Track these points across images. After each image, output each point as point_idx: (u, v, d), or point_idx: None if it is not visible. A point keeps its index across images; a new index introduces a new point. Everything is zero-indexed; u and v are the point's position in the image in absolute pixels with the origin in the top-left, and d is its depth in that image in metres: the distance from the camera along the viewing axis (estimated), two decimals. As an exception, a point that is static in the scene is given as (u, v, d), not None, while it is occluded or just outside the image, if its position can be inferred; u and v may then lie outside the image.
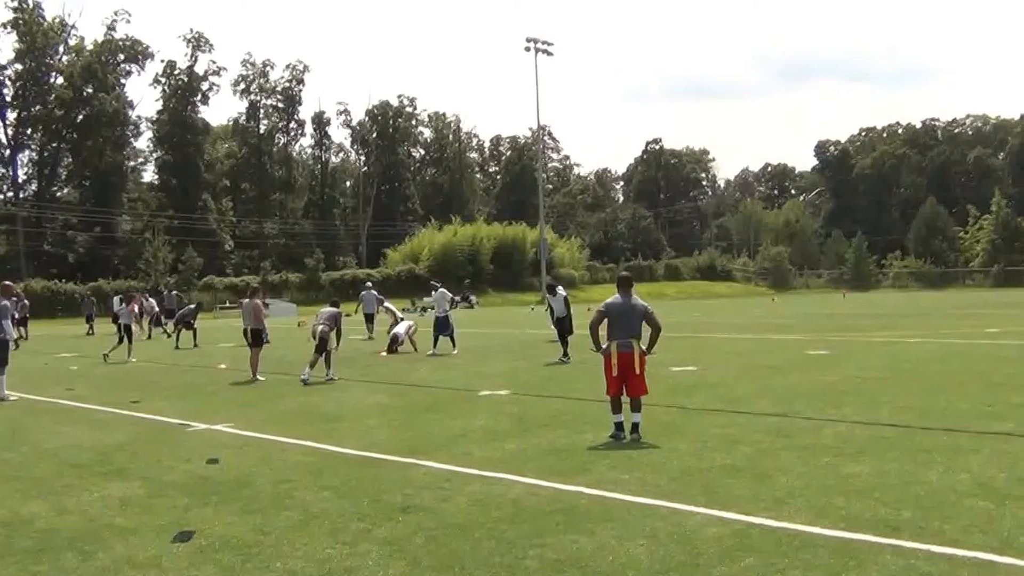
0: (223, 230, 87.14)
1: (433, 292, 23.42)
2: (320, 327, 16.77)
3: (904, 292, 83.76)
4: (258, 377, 16.79)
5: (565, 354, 19.21)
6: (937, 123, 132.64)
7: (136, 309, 25.00)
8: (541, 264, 74.72)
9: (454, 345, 21.91)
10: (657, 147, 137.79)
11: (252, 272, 76.64)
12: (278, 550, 5.92)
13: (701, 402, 12.35)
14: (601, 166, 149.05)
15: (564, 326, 19.83)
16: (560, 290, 20.85)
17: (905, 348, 20.22)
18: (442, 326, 22.05)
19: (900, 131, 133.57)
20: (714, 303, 66.35)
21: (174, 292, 40.25)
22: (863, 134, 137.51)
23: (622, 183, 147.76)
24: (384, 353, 22.23)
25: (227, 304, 59.36)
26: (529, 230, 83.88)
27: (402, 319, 25.53)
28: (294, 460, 8.97)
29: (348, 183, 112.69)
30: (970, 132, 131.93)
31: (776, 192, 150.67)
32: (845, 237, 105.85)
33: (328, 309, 17.56)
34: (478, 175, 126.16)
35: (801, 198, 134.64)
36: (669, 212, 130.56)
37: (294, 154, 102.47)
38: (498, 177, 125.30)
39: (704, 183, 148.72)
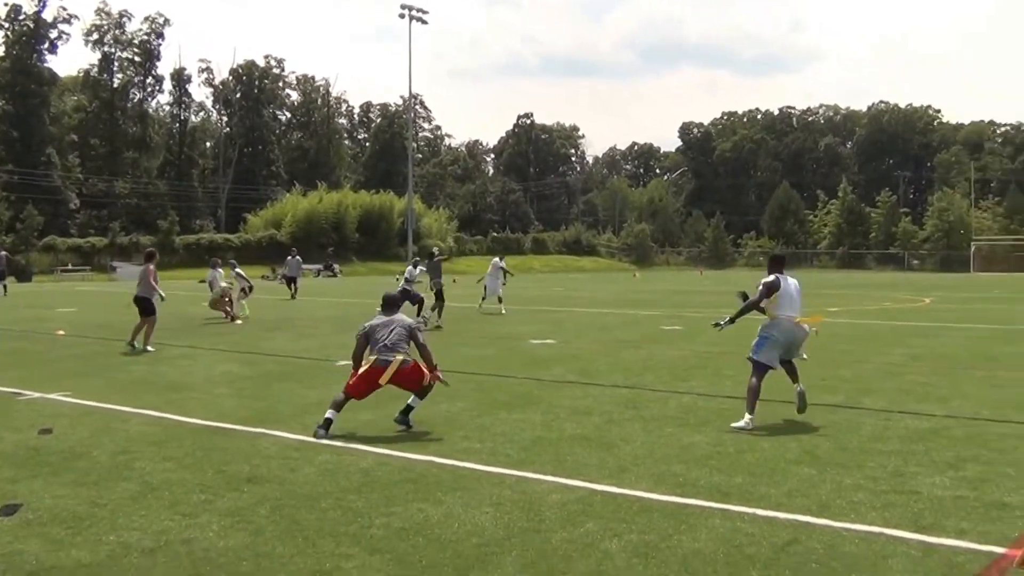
0: (68, 187, 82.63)
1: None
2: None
3: (757, 270, 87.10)
4: (148, 348, 15.77)
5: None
6: (793, 111, 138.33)
7: None
8: (408, 234, 74.37)
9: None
10: (528, 122, 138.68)
11: (99, 233, 73.22)
12: (112, 522, 5.72)
13: (557, 374, 12.60)
14: (472, 138, 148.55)
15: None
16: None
17: (752, 325, 21.08)
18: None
19: (759, 117, 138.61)
20: (578, 277, 67.54)
21: (3, 253, 37.98)
22: (725, 118, 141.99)
23: (493, 156, 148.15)
24: (239, 321, 21.87)
25: (69, 267, 56.61)
26: (397, 199, 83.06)
27: (251, 287, 25.11)
28: (135, 430, 8.67)
29: (208, 144, 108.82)
30: (822, 121, 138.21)
31: (642, 171, 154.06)
32: (705, 216, 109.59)
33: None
34: (346, 142, 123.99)
35: (665, 177, 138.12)
36: (538, 186, 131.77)
37: (150, 111, 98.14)
38: (367, 144, 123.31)
39: (573, 159, 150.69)
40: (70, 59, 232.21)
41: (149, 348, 15.85)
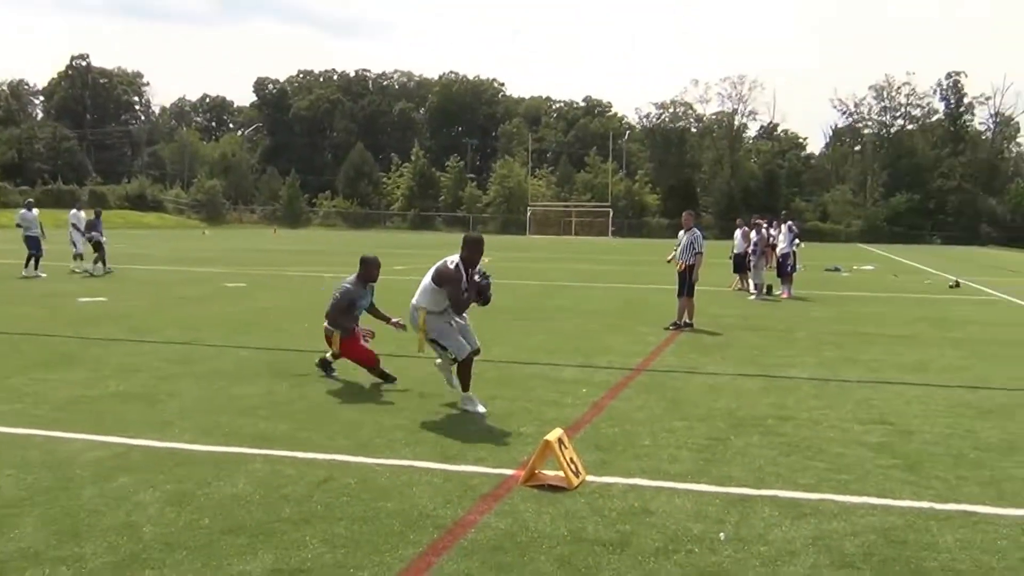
0: None
1: None
2: None
3: (332, 230, 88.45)
4: None
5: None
6: (369, 74, 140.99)
7: None
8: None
9: None
10: (84, 64, 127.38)
11: None
12: None
13: (106, 332, 12.01)
14: (16, 77, 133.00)
15: None
16: None
17: (321, 282, 21.57)
18: None
19: (335, 78, 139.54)
20: (142, 234, 63.78)
21: None
22: (301, 76, 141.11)
23: (42, 98, 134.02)
24: None
25: None
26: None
27: None
28: None
29: None
30: (397, 86, 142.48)
31: (214, 124, 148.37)
32: (280, 175, 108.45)
33: None
34: None
35: (239, 133, 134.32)
36: (96, 135, 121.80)
37: None
38: None
39: (138, 108, 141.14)
40: None
41: None
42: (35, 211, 22.51)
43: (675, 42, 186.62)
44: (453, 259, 7.69)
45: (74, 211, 24.56)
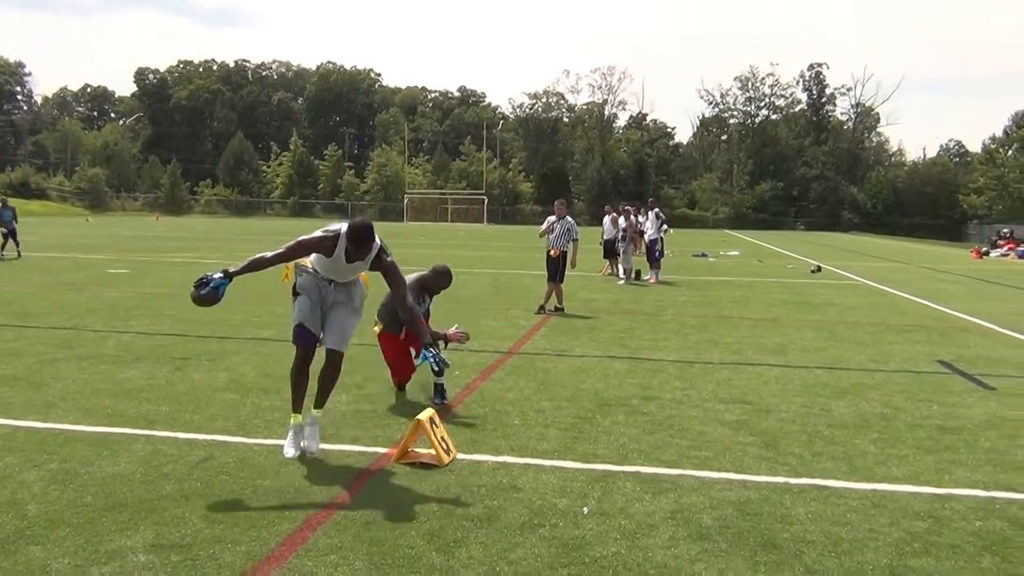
0: None
1: None
2: None
3: (213, 218, 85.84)
4: None
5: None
6: (248, 64, 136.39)
7: None
8: None
9: None
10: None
11: None
12: None
13: (-13, 320, 11.52)
14: None
15: None
16: None
17: (199, 269, 21.02)
18: None
19: (215, 68, 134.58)
20: (27, 221, 60.29)
21: None
22: (182, 67, 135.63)
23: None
24: None
25: None
26: None
27: None
28: None
29: None
30: (276, 76, 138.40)
31: (96, 114, 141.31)
32: (161, 163, 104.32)
33: None
34: None
35: (121, 122, 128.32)
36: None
37: None
38: None
39: (20, 98, 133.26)
40: None
41: None
42: None
43: (547, 32, 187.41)
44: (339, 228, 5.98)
45: None
